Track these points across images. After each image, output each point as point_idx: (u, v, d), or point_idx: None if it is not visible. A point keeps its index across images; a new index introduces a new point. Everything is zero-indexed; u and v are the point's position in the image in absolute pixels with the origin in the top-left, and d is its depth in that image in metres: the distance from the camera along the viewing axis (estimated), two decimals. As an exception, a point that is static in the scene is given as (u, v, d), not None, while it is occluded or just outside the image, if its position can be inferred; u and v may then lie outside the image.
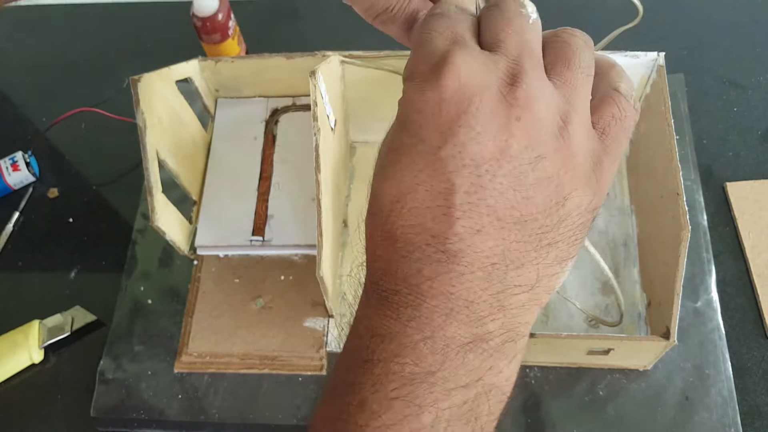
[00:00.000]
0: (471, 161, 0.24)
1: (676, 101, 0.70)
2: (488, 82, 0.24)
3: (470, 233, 0.24)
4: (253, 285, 0.64)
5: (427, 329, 0.25)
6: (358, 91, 0.64)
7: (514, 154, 0.24)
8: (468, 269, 0.24)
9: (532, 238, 0.25)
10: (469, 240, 0.24)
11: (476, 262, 0.24)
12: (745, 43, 0.77)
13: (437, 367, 0.25)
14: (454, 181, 0.24)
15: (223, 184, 0.68)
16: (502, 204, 0.24)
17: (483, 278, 0.25)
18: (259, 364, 0.60)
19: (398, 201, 0.25)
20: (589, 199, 0.26)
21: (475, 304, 0.25)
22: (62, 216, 0.71)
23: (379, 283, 0.26)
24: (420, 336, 0.25)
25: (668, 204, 0.54)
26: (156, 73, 0.59)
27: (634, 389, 0.58)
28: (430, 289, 0.25)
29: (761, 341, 0.60)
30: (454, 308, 0.25)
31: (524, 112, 0.24)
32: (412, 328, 0.25)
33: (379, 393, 0.25)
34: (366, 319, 0.27)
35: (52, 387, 0.62)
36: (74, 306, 0.65)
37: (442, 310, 0.25)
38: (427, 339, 0.25)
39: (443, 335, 0.25)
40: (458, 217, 0.24)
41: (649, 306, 0.59)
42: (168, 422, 0.59)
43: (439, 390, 0.25)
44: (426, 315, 0.25)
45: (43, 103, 0.80)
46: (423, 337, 0.25)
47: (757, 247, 0.63)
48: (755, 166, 0.68)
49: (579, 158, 0.25)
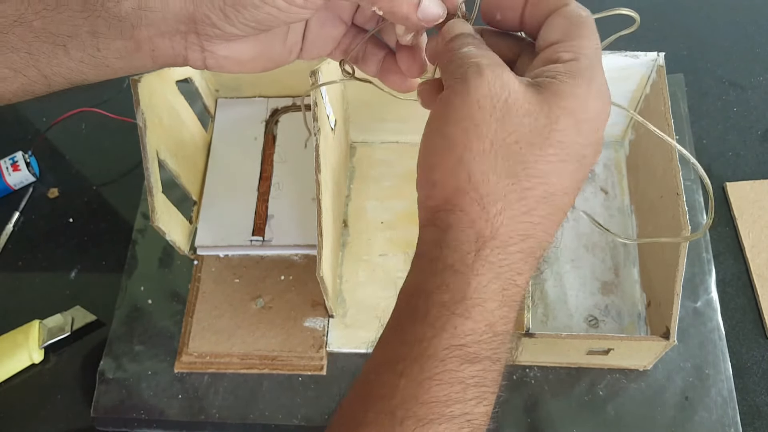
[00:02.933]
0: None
1: (676, 101, 0.70)
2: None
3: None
4: (253, 285, 0.64)
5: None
6: (358, 91, 0.64)
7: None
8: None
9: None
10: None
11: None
12: (745, 43, 0.77)
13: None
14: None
15: (223, 184, 0.68)
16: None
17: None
18: (259, 364, 0.60)
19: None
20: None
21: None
22: (62, 216, 0.71)
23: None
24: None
25: (668, 204, 0.54)
26: (156, 73, 0.59)
27: (633, 389, 0.58)
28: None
29: (761, 341, 0.60)
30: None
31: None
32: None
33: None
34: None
35: (52, 387, 0.62)
36: (74, 306, 0.65)
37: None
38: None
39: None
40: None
41: (649, 306, 0.59)
42: (168, 422, 0.59)
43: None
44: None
45: (43, 103, 0.79)
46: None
47: (756, 247, 0.63)
48: (755, 166, 0.68)
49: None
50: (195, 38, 0.33)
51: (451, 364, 0.28)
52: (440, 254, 0.30)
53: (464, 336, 0.29)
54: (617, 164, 0.68)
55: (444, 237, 0.30)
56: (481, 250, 0.29)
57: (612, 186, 0.67)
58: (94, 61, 0.34)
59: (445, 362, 0.28)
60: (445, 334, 0.29)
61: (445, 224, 0.30)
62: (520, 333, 0.31)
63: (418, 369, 0.29)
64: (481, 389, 0.29)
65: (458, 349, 0.29)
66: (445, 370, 0.28)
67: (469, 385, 0.28)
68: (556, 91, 0.29)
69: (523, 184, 0.28)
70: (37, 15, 0.33)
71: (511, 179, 0.28)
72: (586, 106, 0.29)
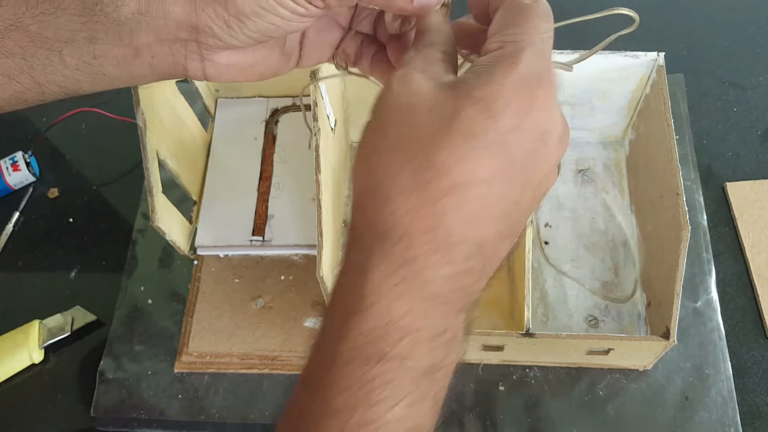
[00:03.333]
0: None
1: (676, 101, 0.70)
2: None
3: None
4: (253, 285, 0.64)
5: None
6: (358, 91, 0.64)
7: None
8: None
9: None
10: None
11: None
12: (745, 43, 0.77)
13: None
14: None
15: (223, 184, 0.68)
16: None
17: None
18: (259, 364, 0.60)
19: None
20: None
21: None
22: (62, 216, 0.71)
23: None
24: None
25: (668, 204, 0.54)
26: (156, 73, 0.59)
27: (633, 389, 0.58)
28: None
29: (761, 341, 0.60)
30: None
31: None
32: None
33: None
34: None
35: (52, 387, 0.62)
36: (74, 306, 0.64)
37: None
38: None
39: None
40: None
41: (649, 306, 0.59)
42: (168, 422, 0.59)
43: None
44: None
45: (43, 103, 0.80)
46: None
47: (756, 247, 0.63)
48: (755, 166, 0.68)
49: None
50: (195, 46, 0.33)
51: (352, 367, 0.27)
52: (346, 256, 0.29)
53: (364, 335, 0.27)
54: (617, 164, 0.68)
55: (350, 238, 0.29)
56: (379, 245, 0.28)
57: (612, 186, 0.67)
58: (90, 69, 0.34)
59: (347, 365, 0.27)
60: (347, 336, 0.27)
61: (352, 226, 0.29)
62: (464, 329, 0.29)
63: (320, 379, 0.28)
64: (391, 391, 0.27)
65: (358, 351, 0.27)
66: (348, 374, 0.27)
67: (374, 387, 0.27)
68: (467, 82, 0.28)
69: (425, 176, 0.27)
70: (35, 19, 0.32)
71: (413, 173, 0.27)
72: (500, 92, 0.27)
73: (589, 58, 0.45)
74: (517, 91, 0.27)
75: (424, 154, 0.27)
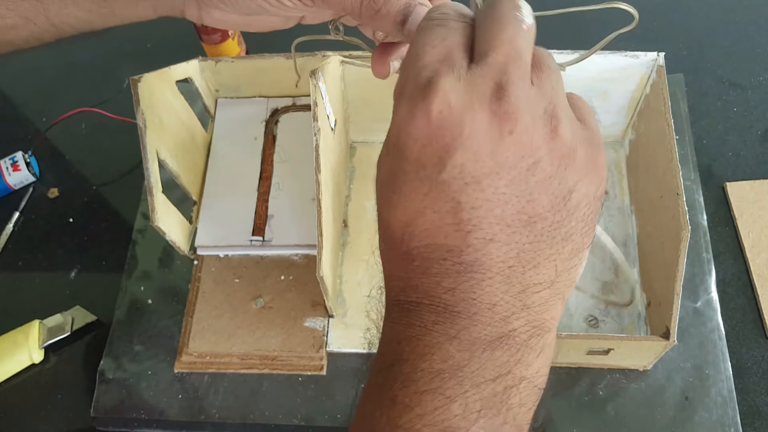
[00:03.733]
0: (472, 179, 0.24)
1: (676, 101, 0.70)
2: (477, 101, 0.25)
3: (483, 243, 0.25)
4: (253, 285, 0.64)
5: (452, 330, 0.25)
6: (358, 91, 0.64)
7: (512, 165, 0.25)
8: (486, 275, 0.25)
9: (544, 236, 0.25)
10: (483, 249, 0.25)
11: (493, 268, 0.25)
12: (745, 43, 0.77)
13: (464, 363, 0.25)
14: (459, 199, 0.24)
15: (223, 184, 0.68)
16: (508, 211, 0.25)
17: (502, 281, 0.25)
18: (259, 364, 0.60)
19: (409, 226, 0.26)
20: (594, 187, 0.27)
21: (497, 306, 0.25)
22: (62, 216, 0.71)
23: (399, 298, 0.27)
24: (445, 337, 0.25)
25: (668, 204, 0.54)
26: (156, 73, 0.59)
27: (633, 389, 0.58)
28: (451, 297, 0.25)
29: (761, 341, 0.60)
30: (477, 311, 0.25)
31: (515, 124, 0.25)
32: (437, 331, 0.26)
33: (408, 388, 0.25)
34: (390, 329, 0.27)
35: (52, 387, 0.62)
36: (74, 306, 0.65)
37: (466, 314, 0.25)
38: (452, 339, 0.25)
39: (468, 335, 0.25)
40: (469, 230, 0.25)
41: (649, 306, 0.59)
42: (168, 422, 0.59)
43: (468, 383, 0.25)
44: (450, 319, 0.25)
45: (43, 103, 0.80)
46: (449, 337, 0.25)
47: (756, 247, 0.63)
48: (755, 166, 0.68)
49: (573, 151, 0.26)
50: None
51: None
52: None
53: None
54: (617, 164, 0.68)
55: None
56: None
57: (612, 186, 0.67)
58: (101, 11, 0.36)
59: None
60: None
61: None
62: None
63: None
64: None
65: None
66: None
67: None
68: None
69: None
70: None
71: None
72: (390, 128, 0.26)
73: (589, 58, 0.45)
74: (394, 125, 0.27)
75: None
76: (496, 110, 0.24)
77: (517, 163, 0.25)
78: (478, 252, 0.25)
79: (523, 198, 0.25)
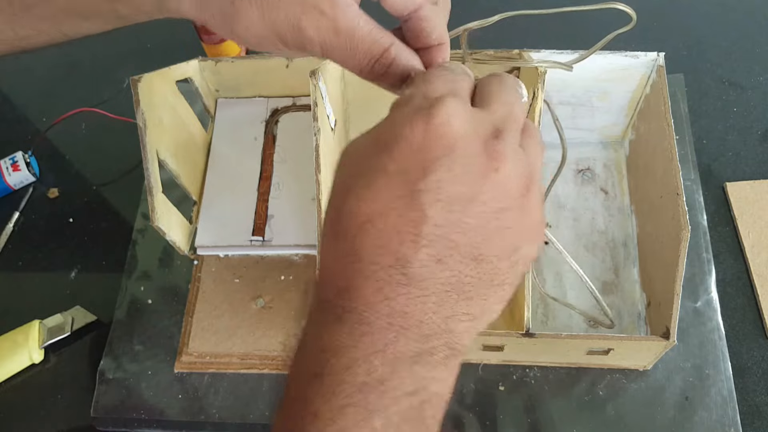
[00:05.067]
0: (446, 197, 0.26)
1: (676, 101, 0.70)
2: (475, 133, 0.26)
3: (432, 261, 0.26)
4: (253, 285, 0.64)
5: (379, 344, 0.26)
6: (358, 91, 0.64)
7: (485, 200, 0.26)
8: (424, 293, 0.26)
9: (484, 277, 0.27)
10: (429, 267, 0.26)
11: (431, 287, 0.26)
12: (745, 43, 0.77)
13: (387, 377, 0.26)
14: (427, 212, 0.25)
15: (223, 184, 0.68)
16: (464, 241, 0.26)
17: (436, 302, 0.26)
18: (259, 364, 0.60)
19: (368, 222, 0.26)
20: (534, 251, 0.29)
21: (424, 324, 0.27)
22: (62, 216, 0.71)
23: (334, 300, 0.27)
24: (372, 350, 0.26)
25: (668, 204, 0.54)
26: (156, 73, 0.59)
27: (633, 389, 0.58)
28: (386, 307, 0.26)
29: (761, 341, 0.60)
30: (406, 326, 0.26)
31: (502, 165, 0.26)
32: (365, 343, 0.26)
33: (331, 402, 0.26)
34: (315, 336, 0.28)
35: (52, 387, 0.62)
36: (74, 306, 0.65)
37: (395, 328, 0.26)
38: (378, 352, 0.26)
39: (394, 349, 0.26)
40: (424, 245, 0.26)
41: (648, 306, 0.59)
42: (168, 422, 0.59)
43: (389, 397, 0.26)
44: (379, 331, 0.26)
45: (43, 103, 0.80)
46: (375, 350, 0.26)
47: (756, 246, 0.63)
48: (755, 166, 0.68)
49: (534, 217, 0.28)
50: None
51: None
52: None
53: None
54: (617, 164, 0.68)
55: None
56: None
57: (612, 186, 0.67)
58: (112, 24, 0.39)
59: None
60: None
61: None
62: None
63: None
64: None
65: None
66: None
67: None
68: None
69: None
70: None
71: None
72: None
73: (589, 58, 0.45)
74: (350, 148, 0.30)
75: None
76: (489, 147, 0.26)
77: (490, 201, 0.26)
78: (424, 268, 0.26)
79: (480, 235, 0.26)
